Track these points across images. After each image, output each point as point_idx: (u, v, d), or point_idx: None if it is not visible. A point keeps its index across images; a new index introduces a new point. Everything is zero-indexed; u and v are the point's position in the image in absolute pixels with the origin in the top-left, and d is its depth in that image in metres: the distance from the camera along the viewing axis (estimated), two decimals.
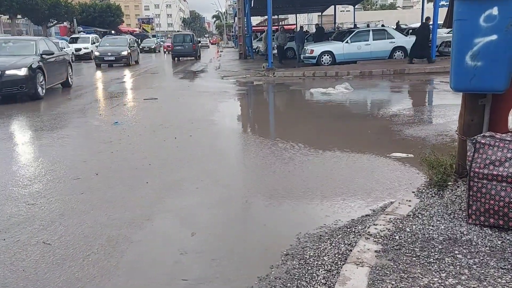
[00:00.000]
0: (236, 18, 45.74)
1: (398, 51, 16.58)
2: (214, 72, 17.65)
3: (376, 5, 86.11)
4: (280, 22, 42.78)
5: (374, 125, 6.60)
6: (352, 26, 32.28)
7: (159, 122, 7.22)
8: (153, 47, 41.90)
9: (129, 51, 21.72)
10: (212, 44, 67.13)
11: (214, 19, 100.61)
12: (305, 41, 19.51)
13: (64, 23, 37.40)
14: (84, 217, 3.32)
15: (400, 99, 9.65)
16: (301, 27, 21.43)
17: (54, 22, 35.34)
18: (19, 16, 32.92)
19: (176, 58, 26.56)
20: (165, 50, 41.17)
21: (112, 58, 21.07)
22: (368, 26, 28.39)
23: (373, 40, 16.46)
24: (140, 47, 45.36)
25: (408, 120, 6.67)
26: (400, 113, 7.25)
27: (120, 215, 3.35)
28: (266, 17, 48.64)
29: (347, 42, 16.40)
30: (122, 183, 4.13)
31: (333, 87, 10.73)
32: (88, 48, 28.04)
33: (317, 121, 7.17)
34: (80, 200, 3.68)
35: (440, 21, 16.15)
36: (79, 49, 27.41)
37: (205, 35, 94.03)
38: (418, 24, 25.36)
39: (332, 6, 37.33)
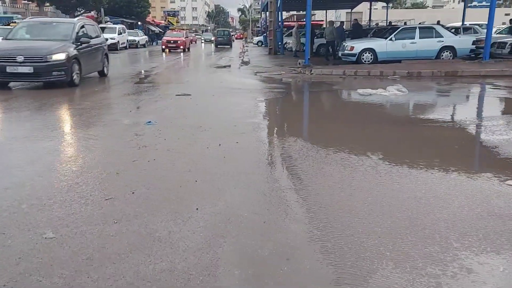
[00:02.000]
0: (263, 12, 44.89)
1: (446, 51, 15.26)
2: (245, 68, 16.69)
3: (406, 3, 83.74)
4: (302, 19, 41.53)
5: (454, 136, 5.53)
6: (385, 24, 30.96)
7: (197, 123, 6.30)
8: None
9: (73, 53, 9.79)
10: (236, 39, 66.14)
11: (239, 13, 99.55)
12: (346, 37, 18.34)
13: (91, 12, 36.95)
14: (121, 265, 2.40)
15: (469, 105, 8.50)
16: (342, 23, 20.22)
17: (81, 11, 34.93)
18: (47, 4, 32.58)
19: (218, 45, 36.46)
20: (163, 46, 28.56)
21: (26, 69, 9.09)
22: (405, 24, 26.97)
23: (420, 38, 15.19)
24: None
25: (496, 132, 5.57)
26: (480, 123, 6.15)
27: (169, 264, 2.41)
28: (291, 13, 47.66)
29: (390, 39, 15.18)
30: (166, 208, 3.20)
31: (384, 88, 9.64)
32: (114, 39, 27.48)
33: (381, 129, 6.12)
34: (114, 234, 2.77)
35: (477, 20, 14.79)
36: (106, 39, 26.79)
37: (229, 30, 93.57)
38: (458, 24, 24.02)
39: (362, 3, 36.10)
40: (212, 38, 46.95)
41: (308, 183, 3.77)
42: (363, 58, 15.21)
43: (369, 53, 15.22)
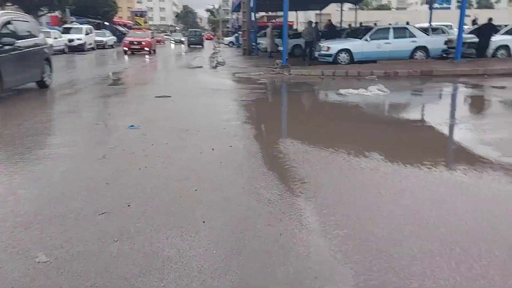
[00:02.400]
0: (233, 13, 44.58)
1: (420, 51, 15.48)
2: (222, 68, 16.39)
3: (371, 5, 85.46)
4: (275, 19, 41.78)
5: (445, 137, 5.48)
6: (354, 25, 31.49)
7: (183, 126, 5.99)
8: None
9: None
10: (206, 39, 65.46)
11: (208, 13, 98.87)
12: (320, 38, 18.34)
13: (56, 12, 35.55)
14: None
15: (452, 104, 8.49)
16: (316, 23, 20.18)
17: (45, 11, 33.56)
18: (8, 3, 31.09)
19: (190, 45, 38.35)
20: (126, 48, 24.57)
21: None
22: (375, 25, 27.36)
23: (394, 38, 15.35)
24: None
25: (489, 131, 5.55)
26: (466, 121, 6.14)
27: None
28: (261, 13, 47.68)
29: (366, 40, 15.26)
30: (169, 222, 2.92)
31: (365, 88, 9.61)
32: (81, 39, 26.54)
33: (374, 129, 5.99)
34: (117, 254, 2.47)
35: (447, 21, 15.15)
36: (72, 40, 25.86)
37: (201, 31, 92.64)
38: (425, 25, 24.56)
39: (330, 5, 36.57)
40: (183, 39, 46.32)
41: (314, 187, 3.57)
42: (339, 59, 15.21)
43: (345, 53, 15.23)
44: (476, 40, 16.26)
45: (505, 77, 11.61)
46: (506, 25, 17.57)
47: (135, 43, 24.85)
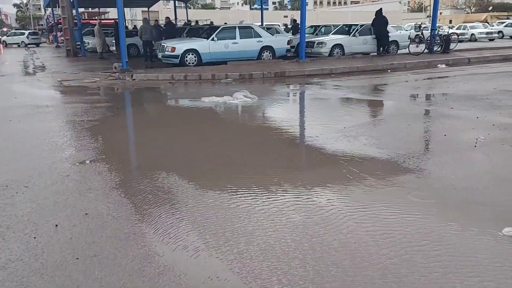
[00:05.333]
0: (47, 8, 38.70)
1: (266, 51, 15.18)
2: (44, 75, 13.31)
3: (198, 4, 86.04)
4: (98, 16, 38.09)
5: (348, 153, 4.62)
6: (188, 23, 30.63)
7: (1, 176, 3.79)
8: None
9: None
10: None
11: (16, 9, 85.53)
12: (163, 37, 16.57)
13: None
14: None
15: (329, 110, 7.77)
16: (156, 21, 18.29)
17: None
18: None
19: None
20: None
21: None
22: (211, 24, 26.73)
23: (241, 38, 14.67)
24: None
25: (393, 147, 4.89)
26: (365, 132, 5.44)
27: None
28: (80, 10, 42.87)
29: (213, 39, 14.20)
30: None
31: (230, 95, 8.48)
32: None
33: (273, 152, 4.77)
34: None
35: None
36: None
37: (3, 29, 78.53)
38: (257, 24, 25.04)
39: (160, 2, 34.90)
40: None
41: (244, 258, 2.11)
42: (187, 60, 13.84)
43: (192, 54, 13.93)
44: (316, 38, 16.89)
45: (351, 75, 11.91)
46: (335, 25, 18.75)
47: None
